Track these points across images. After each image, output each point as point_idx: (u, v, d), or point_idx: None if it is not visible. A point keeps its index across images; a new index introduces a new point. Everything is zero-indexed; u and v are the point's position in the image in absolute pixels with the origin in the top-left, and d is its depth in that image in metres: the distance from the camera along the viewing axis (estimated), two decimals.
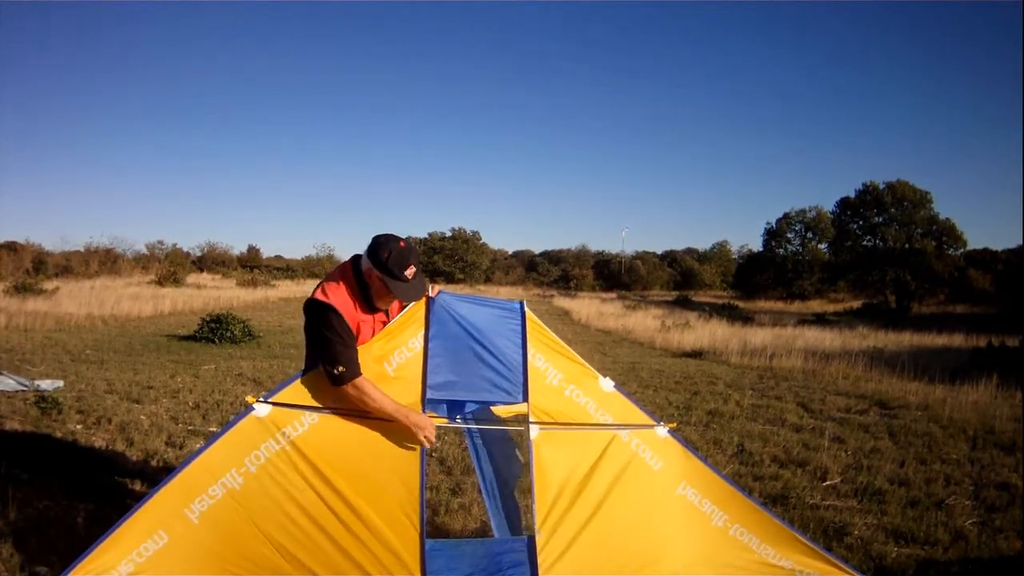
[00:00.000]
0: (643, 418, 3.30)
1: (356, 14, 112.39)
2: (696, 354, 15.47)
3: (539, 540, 3.00)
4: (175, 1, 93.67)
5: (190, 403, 7.55)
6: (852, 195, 46.47)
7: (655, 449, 3.27)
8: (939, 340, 19.73)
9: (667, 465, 3.26)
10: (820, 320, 28.90)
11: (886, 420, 7.92)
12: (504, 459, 3.62)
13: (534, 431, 3.11)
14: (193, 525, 2.74)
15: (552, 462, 3.10)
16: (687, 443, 3.39)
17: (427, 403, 3.02)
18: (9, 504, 4.03)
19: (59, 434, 5.99)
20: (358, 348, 2.90)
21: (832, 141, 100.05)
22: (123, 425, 6.36)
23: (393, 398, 2.91)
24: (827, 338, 18.69)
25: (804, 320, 28.45)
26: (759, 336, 18.72)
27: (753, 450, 6.36)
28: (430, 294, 3.07)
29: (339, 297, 2.87)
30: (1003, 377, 10.36)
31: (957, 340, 19.36)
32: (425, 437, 2.90)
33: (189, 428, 6.40)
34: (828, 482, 5.42)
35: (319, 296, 2.87)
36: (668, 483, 3.26)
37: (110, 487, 4.64)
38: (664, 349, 17.40)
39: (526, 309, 3.22)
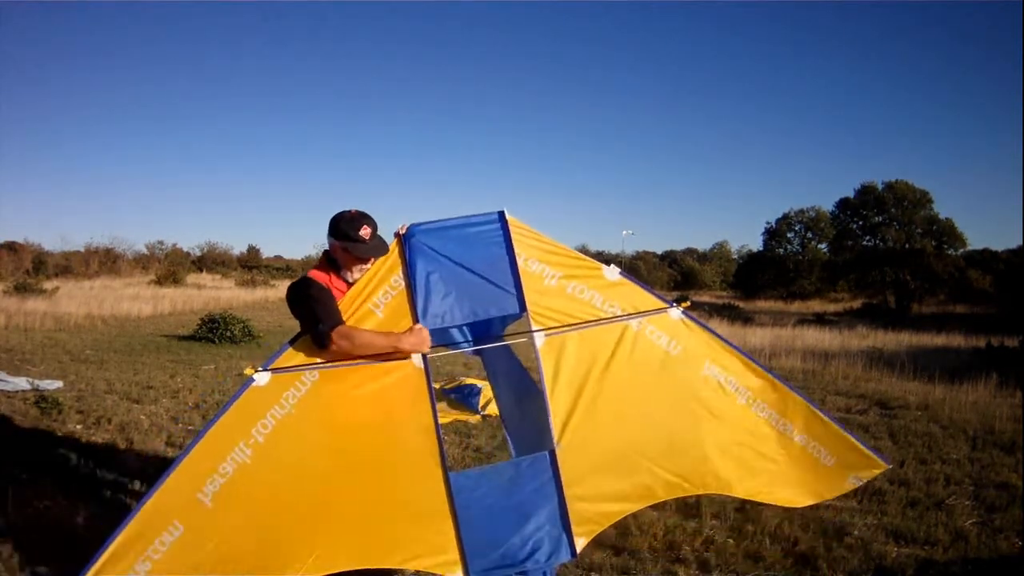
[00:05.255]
0: (654, 302, 3.14)
1: (357, 14, 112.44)
2: None
3: (559, 452, 2.92)
4: (175, 1, 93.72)
5: (190, 403, 7.56)
6: (852, 195, 46.53)
7: (671, 333, 3.11)
8: (939, 340, 19.71)
9: (687, 347, 3.11)
10: (820, 320, 28.89)
11: (886, 420, 7.92)
12: (520, 378, 3.57)
13: (539, 339, 2.97)
14: (208, 509, 2.64)
15: (563, 368, 2.97)
16: (703, 323, 3.22)
17: (434, 332, 2.95)
18: (9, 504, 4.03)
19: (59, 434, 6.00)
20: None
21: (832, 141, 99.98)
22: (123, 425, 6.36)
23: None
24: (827, 338, 18.67)
25: (804, 320, 28.44)
26: (759, 336, 18.71)
27: None
28: (400, 232, 3.03)
29: (315, 275, 3.02)
30: (1003, 377, 10.35)
31: (957, 340, 19.35)
32: (420, 349, 2.87)
33: (189, 428, 6.40)
34: None
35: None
36: (690, 366, 3.12)
37: (110, 487, 4.64)
38: None
39: (507, 216, 3.06)
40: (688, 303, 3.23)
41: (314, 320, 2.82)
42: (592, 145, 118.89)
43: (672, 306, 3.16)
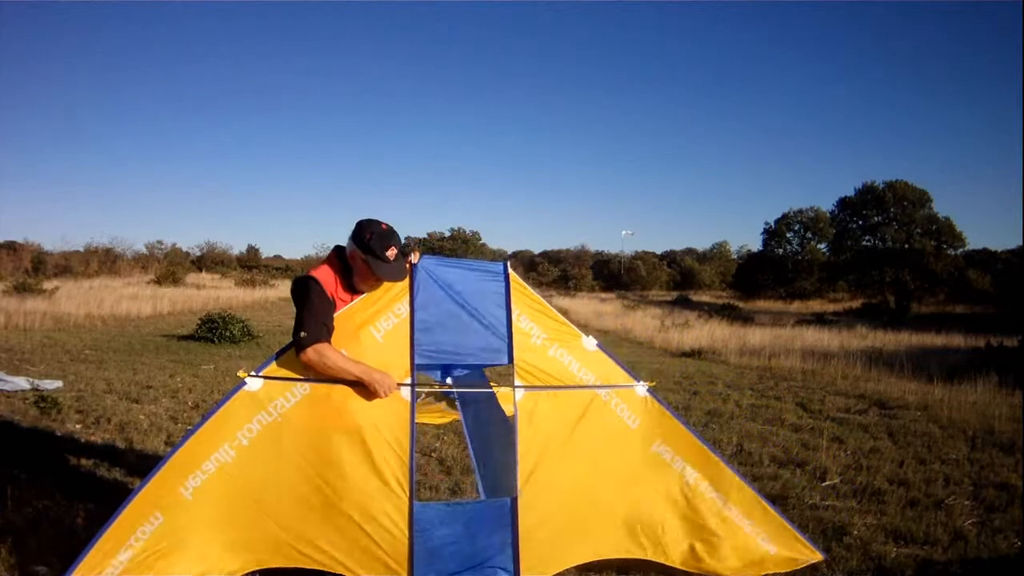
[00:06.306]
0: (624, 377, 3.39)
1: (356, 14, 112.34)
2: (695, 354, 15.48)
3: (520, 500, 3.08)
4: (175, 1, 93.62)
5: (189, 403, 7.56)
6: (852, 195, 46.54)
7: (633, 408, 3.36)
8: (938, 340, 19.72)
9: (644, 423, 3.37)
10: (819, 320, 28.89)
11: (885, 420, 7.92)
12: (492, 422, 3.67)
13: (519, 393, 3.16)
14: (187, 502, 2.78)
15: (536, 423, 3.17)
16: (665, 403, 3.48)
17: (418, 368, 3.06)
18: (9, 504, 4.03)
19: (59, 434, 5.99)
20: (336, 315, 2.95)
21: (832, 141, 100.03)
22: (122, 425, 6.36)
23: (384, 364, 2.96)
24: (826, 338, 18.69)
25: (803, 320, 28.44)
26: (758, 336, 18.73)
27: (752, 450, 6.36)
28: (413, 260, 3.12)
29: (322, 274, 3.00)
30: (1002, 377, 10.36)
31: (956, 340, 19.35)
32: (383, 390, 2.91)
33: (188, 428, 6.39)
34: (827, 482, 5.41)
35: (305, 274, 3.04)
36: (643, 440, 3.37)
37: (110, 487, 4.64)
38: (663, 349, 17.41)
39: (510, 270, 3.25)
40: (654, 383, 3.50)
41: (298, 326, 2.84)
42: (592, 145, 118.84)
43: (639, 383, 3.40)
